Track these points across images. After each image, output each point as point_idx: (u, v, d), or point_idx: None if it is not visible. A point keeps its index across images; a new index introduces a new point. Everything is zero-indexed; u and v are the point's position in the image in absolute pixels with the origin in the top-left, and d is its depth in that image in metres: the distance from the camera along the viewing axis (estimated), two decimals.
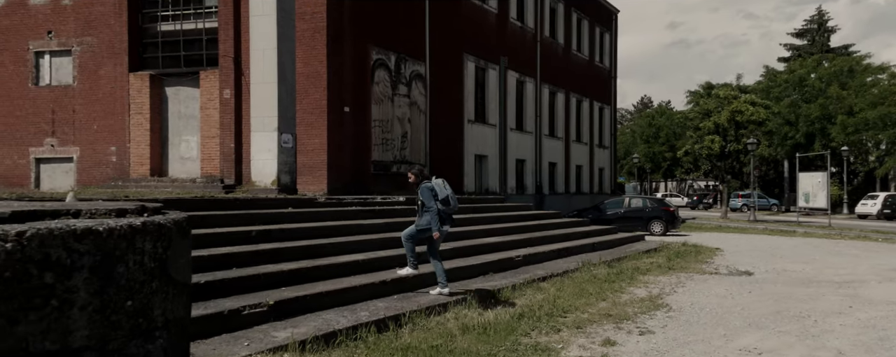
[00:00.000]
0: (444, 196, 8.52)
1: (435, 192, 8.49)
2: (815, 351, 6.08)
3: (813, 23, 65.32)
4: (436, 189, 8.51)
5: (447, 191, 8.61)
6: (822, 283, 10.97)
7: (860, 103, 45.87)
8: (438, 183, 8.67)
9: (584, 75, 32.70)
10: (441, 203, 8.49)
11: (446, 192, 8.57)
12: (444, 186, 8.65)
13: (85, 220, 2.77)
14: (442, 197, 8.50)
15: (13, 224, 2.56)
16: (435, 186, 8.56)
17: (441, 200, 8.49)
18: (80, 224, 2.67)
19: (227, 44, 17.44)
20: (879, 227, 29.87)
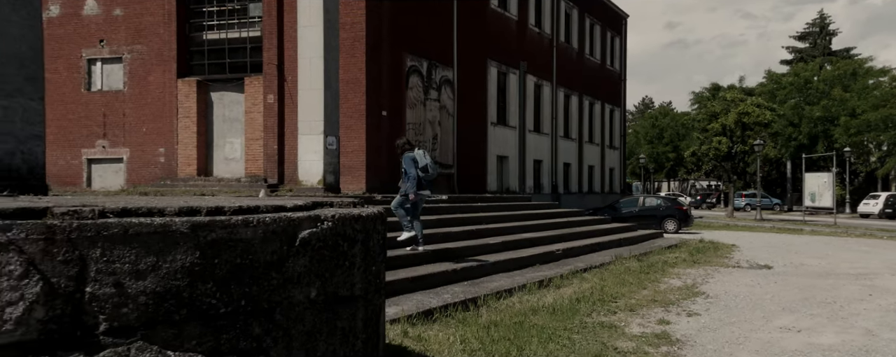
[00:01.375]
0: (423, 165, 9.79)
1: (416, 161, 9.76)
2: (846, 330, 7.13)
3: (815, 26, 66.34)
4: (416, 158, 9.80)
5: (426, 160, 9.86)
6: (840, 275, 12.02)
7: (862, 105, 46.94)
8: (419, 153, 9.94)
9: (596, 78, 33.79)
10: (421, 171, 9.75)
11: (425, 162, 9.83)
12: (424, 156, 9.92)
13: (342, 208, 3.87)
14: (421, 165, 9.77)
15: (313, 210, 3.64)
16: (416, 156, 9.84)
17: (420, 168, 9.75)
18: (355, 211, 3.79)
19: (271, 52, 18.47)
20: (883, 226, 30.98)
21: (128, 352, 2.70)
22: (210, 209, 3.05)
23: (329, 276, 3.41)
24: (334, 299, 3.46)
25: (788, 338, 6.71)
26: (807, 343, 6.47)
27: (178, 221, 2.83)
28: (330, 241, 3.41)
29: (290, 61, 18.22)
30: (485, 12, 22.97)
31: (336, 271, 3.46)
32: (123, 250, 2.69)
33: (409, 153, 9.96)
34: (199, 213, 3.01)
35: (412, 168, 9.78)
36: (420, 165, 9.85)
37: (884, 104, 46.61)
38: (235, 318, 2.96)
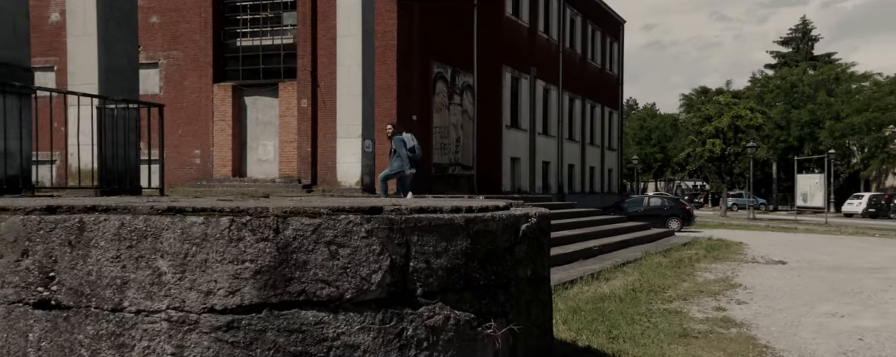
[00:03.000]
0: (411, 146, 11.46)
1: (404, 143, 11.38)
2: (883, 315, 8.19)
3: (797, 31, 68.21)
4: (405, 140, 11.44)
5: (414, 142, 11.59)
6: (853, 269, 13.16)
7: (846, 109, 48.68)
8: (407, 136, 11.61)
9: (597, 82, 34.99)
10: (409, 151, 11.37)
11: (413, 144, 11.55)
12: (412, 139, 11.60)
13: (525, 208, 4.84)
14: (409, 147, 11.43)
15: (510, 210, 4.60)
16: (405, 138, 11.52)
17: (409, 149, 11.35)
18: (541, 210, 4.75)
19: (305, 59, 19.33)
20: (870, 225, 32.45)
21: (433, 310, 3.65)
22: (467, 208, 4.01)
23: (536, 260, 4.38)
24: (536, 278, 4.43)
25: (835, 322, 7.76)
26: (853, 326, 7.52)
27: (458, 217, 3.78)
28: (536, 233, 4.37)
29: (323, 68, 19.11)
30: (500, 20, 24.00)
31: (538, 256, 4.43)
32: (429, 237, 3.63)
33: (399, 136, 11.53)
34: (460, 211, 3.96)
35: (402, 149, 11.39)
36: (408, 147, 11.43)
37: (866, 108, 48.38)
38: (489, 288, 3.92)
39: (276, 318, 3.32)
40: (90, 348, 3.21)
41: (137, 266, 3.24)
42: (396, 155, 11.65)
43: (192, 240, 3.25)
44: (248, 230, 3.29)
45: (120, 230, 3.24)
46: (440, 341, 3.65)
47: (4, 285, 3.24)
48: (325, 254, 3.40)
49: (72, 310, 3.23)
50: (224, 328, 3.25)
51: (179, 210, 3.34)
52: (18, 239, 3.25)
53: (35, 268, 3.24)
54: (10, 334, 3.23)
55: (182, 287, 3.24)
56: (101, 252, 3.23)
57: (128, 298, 3.23)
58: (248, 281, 3.26)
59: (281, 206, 3.50)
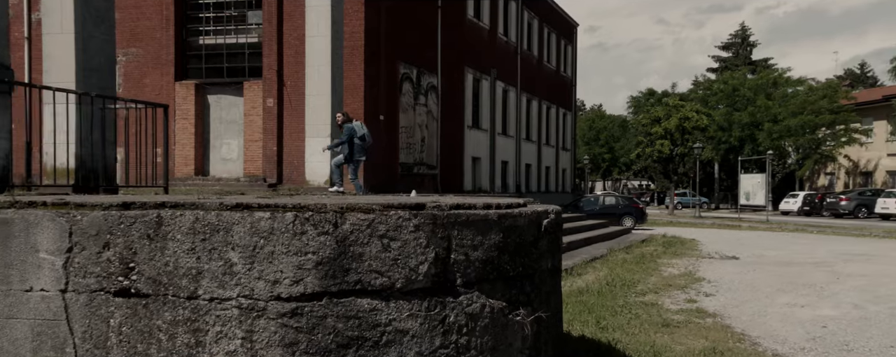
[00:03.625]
0: (361, 134, 11.99)
1: (354, 131, 11.92)
2: (837, 305, 8.86)
3: (737, 37, 70.83)
4: (355, 128, 11.97)
5: (364, 130, 12.11)
6: (801, 264, 14.00)
7: (783, 112, 50.82)
8: (358, 124, 12.14)
9: (552, 84, 35.79)
10: (359, 139, 11.92)
11: (363, 132, 12.09)
12: (361, 127, 12.12)
13: (537, 205, 5.23)
14: (359, 135, 11.96)
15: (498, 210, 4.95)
16: (355, 126, 12.06)
17: (359, 137, 11.89)
18: (556, 208, 5.13)
19: (270, 58, 19.36)
20: (808, 222, 34.05)
21: (471, 298, 3.99)
22: (496, 205, 4.36)
23: (554, 253, 4.76)
24: (554, 269, 4.82)
25: (798, 311, 8.39)
26: (814, 315, 8.15)
27: (492, 212, 4.13)
28: (554, 228, 4.76)
29: (289, 67, 19.18)
30: (463, 22, 24.42)
31: (555, 250, 4.82)
32: (467, 231, 3.97)
33: (349, 124, 12.01)
34: (491, 207, 4.31)
35: (353, 137, 11.79)
36: (358, 135, 11.90)
37: (801, 111, 50.61)
38: (517, 279, 4.28)
39: (335, 305, 3.61)
40: (168, 333, 3.46)
41: (210, 257, 3.50)
42: (346, 143, 12.16)
43: (260, 233, 3.53)
44: (310, 224, 3.58)
45: (194, 224, 3.49)
46: (477, 327, 4.00)
47: (86, 275, 3.46)
48: (379, 246, 3.71)
49: (151, 298, 3.47)
50: (289, 315, 3.53)
51: (247, 206, 3.61)
52: (100, 232, 3.46)
53: (116, 259, 3.46)
54: (92, 320, 3.45)
55: (251, 277, 3.52)
56: (178, 244, 3.48)
57: (202, 287, 3.49)
58: (311, 271, 3.55)
59: (337, 203, 3.80)
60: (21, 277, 3.45)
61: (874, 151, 54.79)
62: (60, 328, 3.44)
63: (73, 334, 3.46)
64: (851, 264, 13.88)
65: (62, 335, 3.44)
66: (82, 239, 3.48)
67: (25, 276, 3.45)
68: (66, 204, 3.55)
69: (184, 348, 3.47)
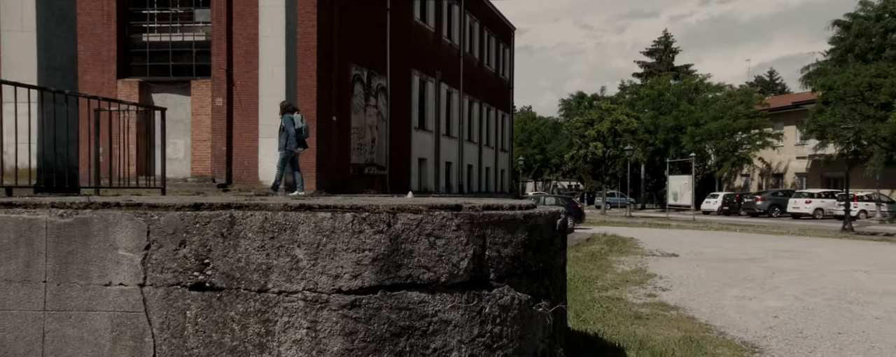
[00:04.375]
0: (299, 127, 12.27)
1: (293, 121, 12.20)
2: (780, 297, 9.68)
3: (660, 44, 73.67)
4: (294, 119, 12.22)
5: (302, 123, 12.39)
6: (737, 260, 14.99)
7: (704, 117, 53.28)
8: (297, 116, 12.37)
9: (492, 86, 36.54)
10: (296, 131, 12.23)
11: (301, 125, 12.32)
12: (301, 120, 12.39)
13: (550, 207, 5.69)
14: (297, 127, 12.24)
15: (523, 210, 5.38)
16: (293, 117, 12.27)
17: (297, 129, 12.20)
18: (561, 208, 5.56)
19: (220, 57, 19.22)
20: (731, 221, 35.95)
21: (502, 291, 4.39)
22: (519, 206, 4.78)
23: (564, 250, 5.22)
24: (563, 265, 5.27)
25: (748, 303, 9.14)
26: (764, 306, 8.90)
27: (518, 213, 4.54)
28: (563, 227, 5.21)
29: (239, 66, 19.10)
30: (410, 25, 24.76)
31: (564, 247, 5.27)
32: (499, 230, 4.37)
33: (289, 114, 12.20)
34: (515, 208, 4.72)
35: (291, 126, 12.04)
36: (296, 127, 12.12)
37: (721, 116, 53.18)
38: (538, 274, 4.70)
39: (389, 297, 3.96)
40: (240, 323, 3.73)
41: (279, 254, 3.79)
42: (284, 133, 12.18)
43: (323, 232, 3.84)
44: (367, 224, 3.92)
45: (264, 224, 3.78)
46: (508, 318, 4.41)
47: (164, 270, 3.68)
48: (426, 244, 4.07)
49: (224, 291, 3.73)
50: (349, 306, 3.86)
51: (309, 207, 3.92)
52: (177, 231, 3.70)
53: (192, 255, 3.71)
54: (169, 312, 3.68)
55: (315, 271, 3.83)
56: (249, 242, 3.76)
57: (271, 281, 3.78)
58: (368, 267, 3.89)
59: (389, 204, 4.14)
60: (100, 273, 3.65)
61: (785, 154, 57.93)
62: (139, 319, 3.65)
63: (152, 325, 3.68)
64: (781, 260, 14.96)
65: (141, 326, 3.65)
66: (159, 237, 3.70)
67: (104, 271, 3.65)
68: (139, 205, 3.76)
69: (255, 337, 3.75)
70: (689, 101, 55.10)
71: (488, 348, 4.26)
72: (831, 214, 39.67)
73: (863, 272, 13.00)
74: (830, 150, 43.55)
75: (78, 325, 3.65)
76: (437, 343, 4.06)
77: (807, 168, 55.29)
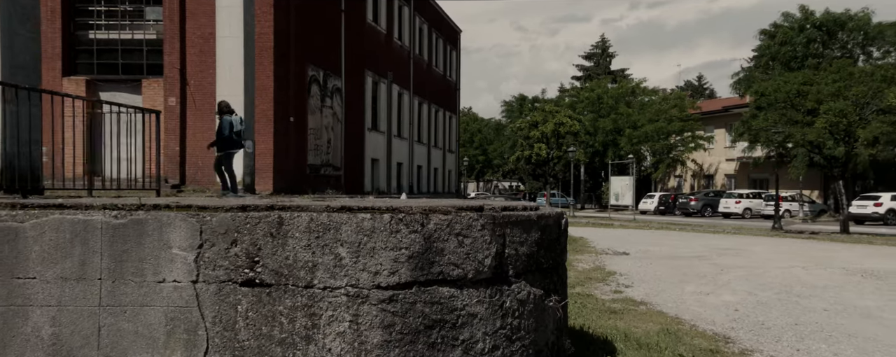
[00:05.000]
0: (238, 129, 12.43)
1: (232, 124, 12.34)
2: (734, 292, 10.31)
3: (598, 48, 75.59)
4: (233, 122, 12.37)
5: (242, 127, 12.58)
6: (685, 258, 15.74)
7: (641, 119, 55.07)
8: (236, 119, 12.55)
9: (440, 88, 36.93)
10: (235, 134, 12.40)
11: (240, 128, 12.51)
12: (240, 123, 12.58)
13: (541, 210, 6.06)
14: (236, 130, 12.39)
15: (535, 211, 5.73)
16: (233, 120, 12.42)
17: (235, 132, 12.38)
18: (549, 211, 5.91)
19: (173, 56, 18.96)
20: (668, 221, 37.32)
21: (520, 287, 4.72)
22: (531, 207, 5.12)
23: (567, 249, 5.58)
24: (565, 262, 5.64)
25: (707, 298, 9.74)
26: (722, 301, 9.51)
27: (532, 213, 4.88)
28: (566, 227, 5.58)
29: (193, 66, 18.89)
30: (363, 26, 24.88)
31: (567, 246, 5.63)
32: (516, 230, 4.70)
33: (227, 117, 12.29)
34: (528, 209, 5.05)
35: (227, 129, 12.12)
36: (235, 130, 12.24)
37: (657, 119, 55.08)
38: (549, 271, 5.06)
39: (423, 292, 4.25)
40: (288, 317, 3.95)
41: (323, 252, 4.03)
42: (221, 134, 12.12)
43: (363, 232, 4.11)
44: (403, 224, 4.21)
45: (310, 224, 4.01)
46: (525, 311, 4.75)
47: (216, 268, 3.87)
48: (455, 243, 4.38)
49: (273, 287, 3.95)
50: (387, 301, 4.14)
51: (350, 208, 4.17)
52: (228, 231, 3.89)
53: (242, 254, 3.91)
54: (221, 307, 3.87)
55: (357, 268, 4.09)
56: (296, 241, 3.99)
57: (317, 278, 4.02)
58: (404, 264, 4.17)
59: (421, 205, 4.42)
60: (154, 270, 3.81)
61: (715, 156, 60.33)
62: (192, 314, 3.83)
63: (205, 319, 3.86)
64: (725, 257, 15.78)
65: (194, 319, 3.83)
66: (212, 236, 3.89)
67: (158, 269, 3.82)
68: (189, 206, 3.93)
69: (302, 329, 3.98)
70: (627, 105, 56.79)
71: (508, 339, 4.58)
72: (759, 214, 41.66)
73: (801, 268, 13.88)
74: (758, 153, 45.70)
75: (133, 319, 3.80)
76: (465, 335, 4.36)
77: (735, 170, 57.75)
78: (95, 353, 3.75)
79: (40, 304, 3.70)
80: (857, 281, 11.99)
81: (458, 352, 4.32)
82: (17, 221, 3.72)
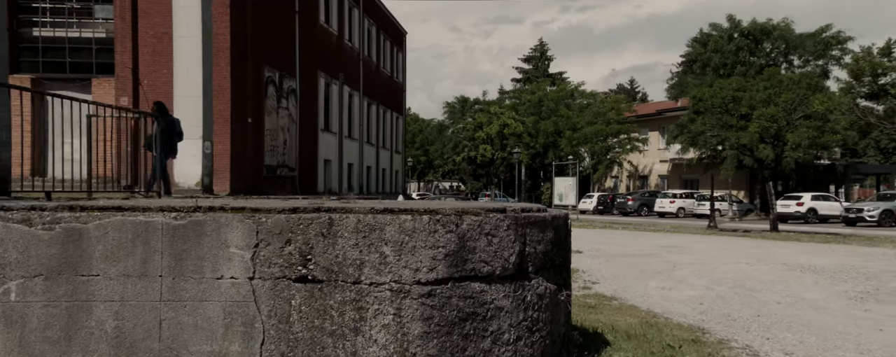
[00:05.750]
0: (179, 131, 12.60)
1: (176, 123, 12.47)
2: (693, 287, 10.96)
3: (536, 51, 77.11)
4: (177, 122, 12.47)
5: (180, 128, 12.71)
6: (637, 255, 16.47)
7: (580, 122, 56.59)
8: (178, 120, 12.63)
9: (388, 89, 37.12)
10: (177, 135, 12.53)
11: (180, 129, 12.65)
12: (177, 125, 12.71)
13: (550, 211, 6.44)
14: (179, 131, 12.54)
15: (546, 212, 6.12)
16: (177, 120, 12.52)
17: (178, 133, 12.54)
18: (558, 212, 6.32)
19: (124, 55, 18.62)
20: (610, 220, 38.54)
21: (538, 282, 5.09)
22: (542, 209, 5.50)
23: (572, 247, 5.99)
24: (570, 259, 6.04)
25: (671, 293, 10.34)
26: (684, 295, 10.12)
27: (547, 215, 5.26)
28: (570, 227, 5.98)
29: (146, 65, 18.62)
30: (315, 28, 24.88)
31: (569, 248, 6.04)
32: (534, 229, 5.07)
33: (170, 116, 12.30)
34: (542, 211, 5.43)
35: (175, 129, 12.15)
36: (178, 130, 12.34)
37: (595, 121, 56.71)
38: (560, 267, 5.44)
39: (457, 287, 4.58)
40: (338, 310, 4.23)
41: (370, 251, 4.32)
42: (158, 139, 12.00)
43: (405, 232, 4.41)
44: (440, 225, 4.53)
45: (357, 225, 4.29)
46: (543, 305, 5.12)
47: (271, 265, 4.11)
48: (485, 242, 4.72)
49: (324, 283, 4.21)
50: (426, 295, 4.45)
51: (392, 210, 4.47)
52: (283, 231, 4.13)
53: (296, 252, 4.16)
54: (276, 301, 4.11)
55: (399, 266, 4.39)
56: (345, 241, 4.26)
57: (364, 274, 4.30)
58: (441, 261, 4.50)
59: (454, 207, 4.74)
60: (213, 268, 4.03)
61: (649, 158, 62.43)
62: (249, 308, 4.06)
63: (260, 312, 4.10)
64: (673, 255, 16.59)
65: (251, 313, 4.06)
66: (267, 236, 4.13)
67: (217, 266, 4.03)
68: (243, 208, 4.15)
69: (351, 322, 4.25)
70: (567, 107, 58.20)
71: (530, 330, 4.95)
72: (692, 213, 43.42)
73: (745, 264, 14.74)
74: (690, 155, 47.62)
75: (192, 313, 4.00)
76: (493, 326, 4.70)
77: (668, 170, 59.88)
78: (157, 345, 3.93)
79: (103, 299, 3.87)
80: (798, 275, 12.85)
81: (487, 342, 4.66)
82: (80, 223, 3.87)
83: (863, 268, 13.96)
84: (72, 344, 3.85)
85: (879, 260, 15.75)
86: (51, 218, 3.86)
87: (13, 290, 3.72)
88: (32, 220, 3.84)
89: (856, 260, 15.57)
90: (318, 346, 4.19)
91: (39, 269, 3.82)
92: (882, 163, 50.55)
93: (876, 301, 9.77)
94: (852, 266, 14.29)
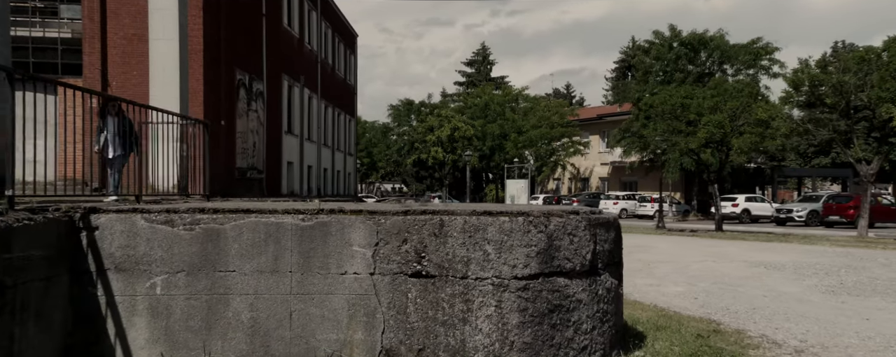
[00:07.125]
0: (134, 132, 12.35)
1: (131, 123, 12.22)
2: (676, 283, 11.61)
3: (479, 55, 78.09)
4: (125, 122, 12.26)
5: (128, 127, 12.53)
6: None
7: (526, 125, 57.67)
8: (128, 120, 12.45)
9: (342, 92, 37.11)
10: (132, 138, 12.30)
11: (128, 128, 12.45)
12: (133, 124, 12.50)
13: (590, 214, 6.89)
14: None
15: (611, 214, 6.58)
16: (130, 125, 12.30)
17: (133, 134, 12.30)
18: (613, 214, 6.79)
19: (93, 56, 18.25)
20: None
21: (605, 278, 5.54)
22: (599, 211, 5.95)
23: None
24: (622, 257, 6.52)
25: (661, 288, 10.99)
26: (674, 291, 10.77)
27: (610, 216, 5.73)
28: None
29: (115, 67, 18.31)
30: (279, 31, 24.81)
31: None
32: (602, 229, 5.52)
33: (112, 116, 12.02)
34: (601, 212, 5.88)
35: (116, 131, 11.87)
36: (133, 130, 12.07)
37: (540, 125, 57.88)
38: (617, 264, 5.90)
39: (546, 282, 4.99)
40: (449, 302, 4.58)
41: (475, 249, 4.69)
42: (113, 140, 11.36)
43: (505, 232, 4.80)
44: (532, 225, 4.93)
45: (464, 225, 4.66)
46: (609, 297, 5.58)
47: (390, 262, 4.44)
48: (568, 241, 5.15)
49: (436, 278, 4.56)
50: (522, 289, 4.85)
51: (490, 212, 4.84)
52: (400, 231, 4.46)
53: (411, 250, 4.49)
54: (394, 294, 4.45)
55: (499, 262, 4.77)
56: (454, 240, 4.62)
57: (470, 270, 4.66)
58: (533, 258, 4.90)
59: (542, 210, 5.14)
60: (337, 264, 4.34)
61: (590, 161, 64.09)
62: (370, 300, 4.39)
63: (381, 304, 4.44)
64: (642, 254, 17.36)
65: (372, 305, 4.39)
66: (386, 236, 4.45)
67: (341, 263, 4.34)
68: (360, 211, 4.45)
69: (459, 313, 4.61)
70: (512, 110, 59.22)
71: (601, 321, 5.39)
72: (634, 214, 44.94)
73: (712, 262, 15.59)
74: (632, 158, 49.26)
75: (320, 305, 4.31)
76: (574, 317, 5.13)
77: (608, 173, 61.62)
78: (288, 333, 4.22)
79: (239, 292, 4.13)
80: (764, 272, 13.70)
81: (570, 331, 5.08)
82: (217, 224, 4.10)
83: (816, 264, 14.91)
84: (212, 333, 4.09)
85: (825, 256, 16.82)
86: (190, 219, 4.10)
87: (159, 284, 3.96)
88: (174, 222, 4.07)
89: (805, 257, 16.58)
90: (432, 334, 4.53)
91: (182, 265, 4.07)
92: (802, 166, 53.44)
93: (848, 294, 10.60)
94: (806, 263, 15.22)
